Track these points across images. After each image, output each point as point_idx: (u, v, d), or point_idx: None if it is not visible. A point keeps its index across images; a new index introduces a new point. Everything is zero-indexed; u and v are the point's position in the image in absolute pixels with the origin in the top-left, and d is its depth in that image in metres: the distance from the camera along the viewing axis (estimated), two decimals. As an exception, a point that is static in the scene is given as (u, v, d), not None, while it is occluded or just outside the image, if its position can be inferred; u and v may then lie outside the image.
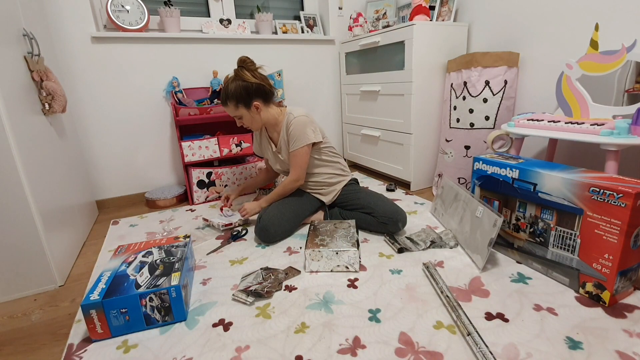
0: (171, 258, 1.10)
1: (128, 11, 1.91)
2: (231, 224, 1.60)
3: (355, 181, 1.65)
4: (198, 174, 1.98)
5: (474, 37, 1.97)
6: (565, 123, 1.26)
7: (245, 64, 1.38)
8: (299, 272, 1.20)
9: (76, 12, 1.80)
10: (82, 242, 1.59)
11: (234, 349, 0.87)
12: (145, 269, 1.03)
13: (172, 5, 2.02)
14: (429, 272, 1.12)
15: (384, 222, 1.41)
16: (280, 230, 1.42)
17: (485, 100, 1.69)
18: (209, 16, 2.24)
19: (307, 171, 1.52)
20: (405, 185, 2.15)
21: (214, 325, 0.96)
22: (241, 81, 1.36)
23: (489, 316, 0.93)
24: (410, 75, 1.86)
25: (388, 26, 2.17)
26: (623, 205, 0.88)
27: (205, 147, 1.99)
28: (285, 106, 1.54)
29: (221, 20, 2.17)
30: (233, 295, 1.08)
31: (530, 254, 1.16)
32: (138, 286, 0.95)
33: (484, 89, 1.68)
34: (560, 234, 1.05)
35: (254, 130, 1.50)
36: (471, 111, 1.73)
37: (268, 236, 1.41)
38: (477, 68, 1.68)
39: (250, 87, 1.37)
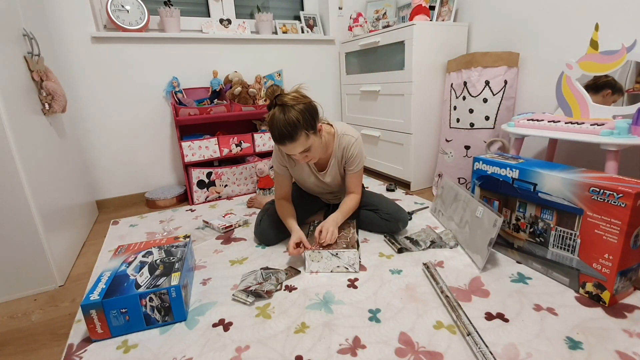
0: (171, 258, 1.10)
1: (128, 11, 1.91)
2: (231, 225, 1.60)
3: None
4: (198, 174, 1.98)
5: (474, 37, 1.97)
6: (565, 123, 1.26)
7: (280, 91, 1.15)
8: (299, 272, 1.20)
9: (76, 12, 1.80)
10: (82, 242, 1.59)
11: (234, 349, 0.87)
12: (145, 269, 1.03)
13: (172, 5, 2.02)
14: (429, 272, 1.12)
15: (386, 218, 1.42)
16: (280, 234, 1.42)
17: (485, 100, 1.69)
18: (209, 16, 2.23)
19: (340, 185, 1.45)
20: (405, 185, 2.15)
21: (214, 325, 0.96)
22: (299, 105, 1.11)
23: (489, 316, 0.93)
24: (410, 75, 1.86)
25: (388, 26, 2.17)
26: (623, 205, 0.88)
27: (205, 147, 1.99)
28: (324, 122, 1.30)
29: (221, 20, 2.17)
30: (233, 295, 1.08)
31: (530, 254, 1.16)
32: (138, 286, 0.94)
33: (484, 89, 1.68)
34: (560, 234, 1.05)
35: (315, 160, 1.25)
36: (471, 111, 1.73)
37: (267, 239, 1.41)
38: (477, 68, 1.68)
39: (311, 107, 1.15)
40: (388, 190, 2.07)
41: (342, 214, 1.32)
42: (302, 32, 2.43)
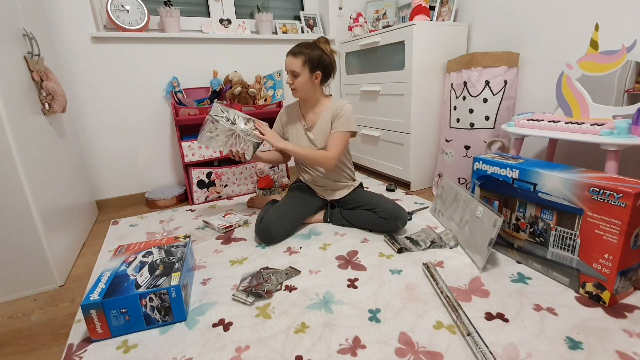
0: (171, 258, 1.10)
1: (128, 11, 1.91)
2: (231, 225, 1.60)
3: (360, 186, 1.67)
4: (198, 174, 1.98)
5: (474, 37, 1.97)
6: (565, 123, 1.26)
7: (326, 40, 1.46)
8: (299, 272, 1.20)
9: (76, 12, 1.80)
10: (82, 242, 1.59)
11: (234, 349, 0.87)
12: (145, 269, 1.03)
13: (172, 5, 2.02)
14: (429, 272, 1.12)
15: (385, 217, 1.42)
16: (282, 232, 1.43)
17: (485, 100, 1.69)
18: (209, 16, 2.23)
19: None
20: (405, 185, 2.15)
21: (214, 325, 0.96)
22: (319, 50, 1.42)
23: (489, 316, 0.93)
24: (410, 75, 1.86)
25: (388, 26, 2.17)
26: (623, 205, 0.88)
27: (205, 147, 1.99)
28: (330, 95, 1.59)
29: (221, 20, 2.17)
30: (233, 295, 1.08)
31: (530, 254, 1.16)
32: (138, 286, 0.94)
33: (484, 89, 1.68)
34: (560, 234, 1.05)
35: (297, 95, 1.49)
36: (471, 111, 1.73)
37: (269, 237, 1.41)
38: (477, 68, 1.68)
39: (324, 59, 1.43)
40: (388, 190, 2.07)
41: (296, 148, 1.46)
42: (302, 32, 2.43)
